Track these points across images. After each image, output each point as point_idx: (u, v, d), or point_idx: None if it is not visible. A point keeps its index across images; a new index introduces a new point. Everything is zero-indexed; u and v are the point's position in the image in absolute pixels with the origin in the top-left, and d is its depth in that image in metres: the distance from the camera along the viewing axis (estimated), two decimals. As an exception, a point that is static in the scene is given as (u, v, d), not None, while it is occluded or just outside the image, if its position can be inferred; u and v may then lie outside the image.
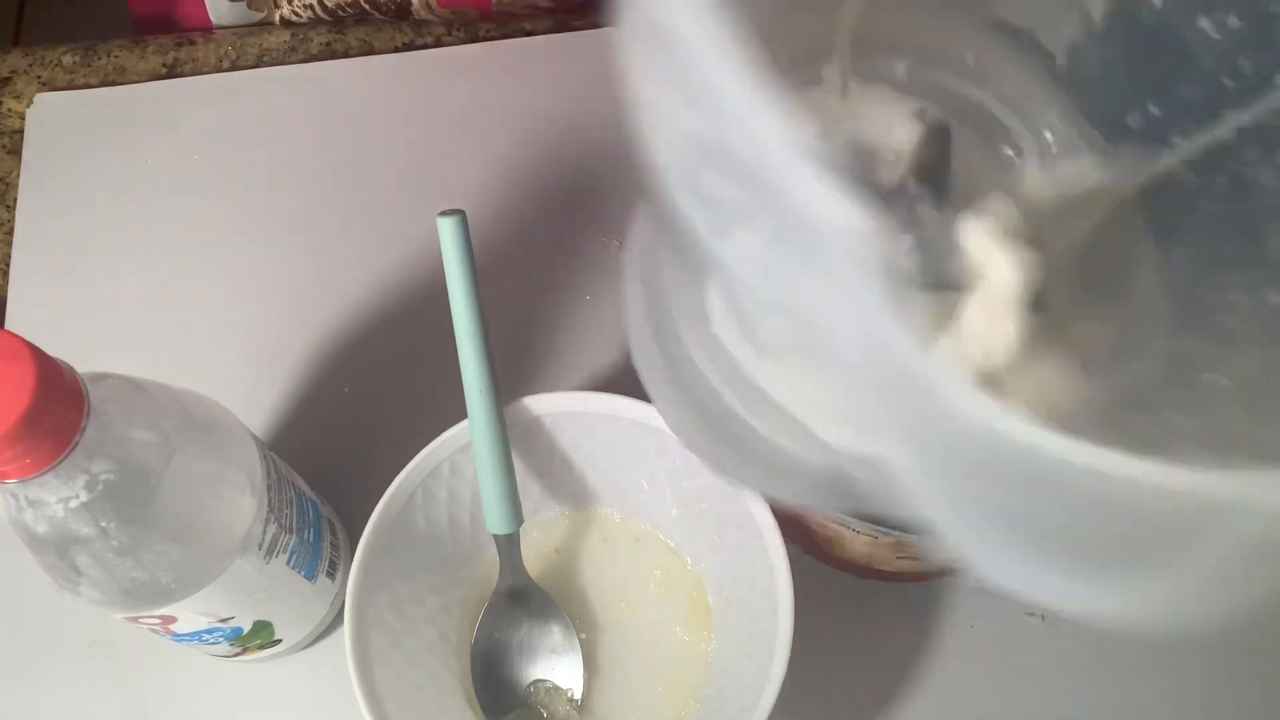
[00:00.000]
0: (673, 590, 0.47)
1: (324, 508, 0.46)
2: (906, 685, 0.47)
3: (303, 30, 0.63)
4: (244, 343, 0.55)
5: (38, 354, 0.30)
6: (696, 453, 0.38)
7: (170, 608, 0.37)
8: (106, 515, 0.33)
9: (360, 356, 0.54)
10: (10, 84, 0.61)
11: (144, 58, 0.62)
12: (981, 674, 0.47)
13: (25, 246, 0.57)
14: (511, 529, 0.44)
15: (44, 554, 0.35)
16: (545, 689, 0.45)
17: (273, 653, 0.46)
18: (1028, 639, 0.48)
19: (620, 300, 0.35)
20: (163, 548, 0.35)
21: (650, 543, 0.48)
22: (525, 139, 0.59)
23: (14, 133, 0.60)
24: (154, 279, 0.56)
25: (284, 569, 0.41)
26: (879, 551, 0.43)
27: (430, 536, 0.45)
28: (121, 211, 0.58)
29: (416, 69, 0.61)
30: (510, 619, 0.45)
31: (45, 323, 0.55)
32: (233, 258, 0.57)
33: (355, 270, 0.56)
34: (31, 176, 0.59)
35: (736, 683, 0.42)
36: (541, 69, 0.61)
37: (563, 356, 0.54)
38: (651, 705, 0.45)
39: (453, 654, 0.45)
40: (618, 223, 0.57)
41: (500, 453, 0.43)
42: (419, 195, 0.57)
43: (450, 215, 0.41)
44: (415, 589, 0.44)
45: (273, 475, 0.40)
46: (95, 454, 0.32)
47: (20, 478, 0.31)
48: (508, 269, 0.56)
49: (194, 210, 0.58)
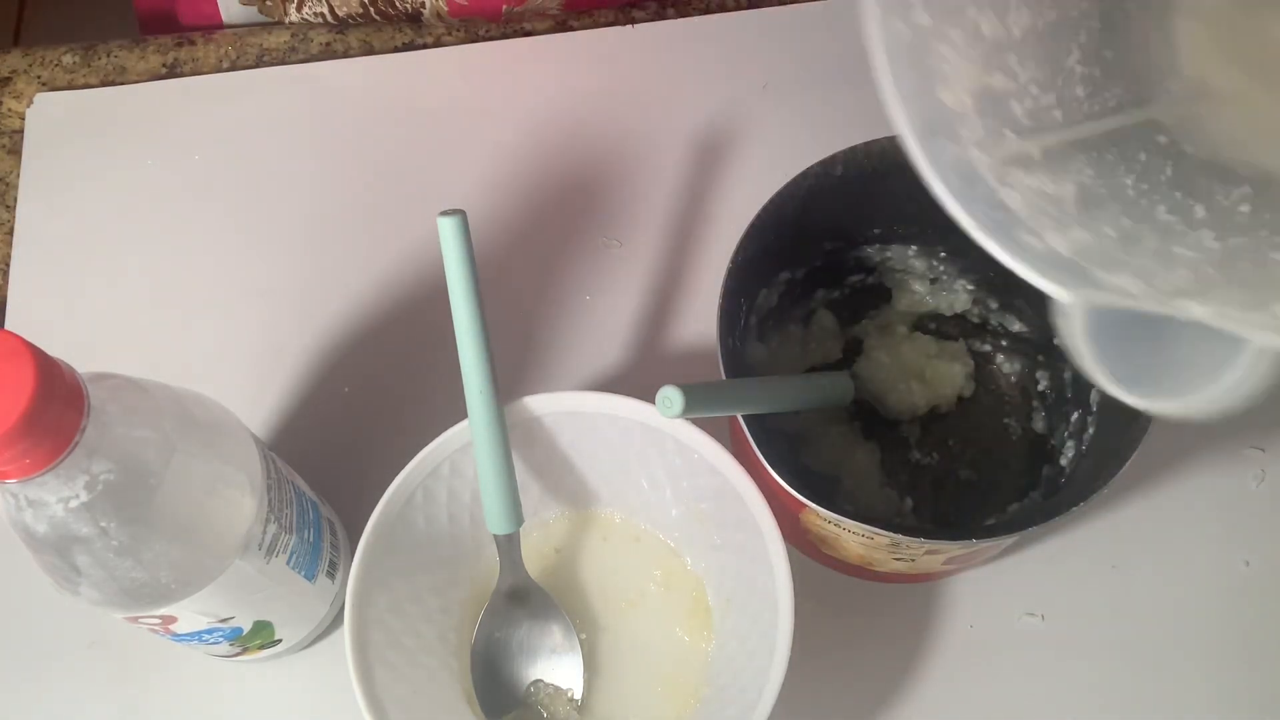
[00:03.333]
0: (673, 590, 0.47)
1: (324, 508, 0.46)
2: (906, 685, 0.47)
3: (303, 30, 0.63)
4: (244, 343, 0.55)
5: (38, 354, 0.30)
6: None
7: (170, 608, 0.37)
8: (106, 515, 0.33)
9: (360, 356, 0.54)
10: (10, 84, 0.61)
11: (144, 58, 0.62)
12: (981, 674, 0.47)
13: (25, 246, 0.57)
14: (511, 529, 0.44)
15: (44, 554, 0.35)
16: (545, 689, 0.45)
17: (273, 653, 0.46)
18: (1027, 639, 0.48)
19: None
20: (163, 548, 0.35)
21: (650, 543, 0.48)
22: (525, 139, 0.59)
23: (14, 133, 0.60)
24: (154, 279, 0.56)
25: (284, 569, 0.41)
26: (873, 553, 0.43)
27: (430, 536, 0.45)
28: (121, 211, 0.58)
29: (416, 69, 0.61)
30: (510, 619, 0.45)
31: (45, 323, 0.55)
32: (233, 258, 0.57)
33: (355, 270, 0.56)
34: (31, 176, 0.59)
35: (736, 683, 0.42)
36: (541, 69, 0.61)
37: (563, 356, 0.54)
38: (651, 705, 0.45)
39: (452, 654, 0.45)
40: (618, 223, 0.57)
41: (500, 453, 0.43)
42: (419, 195, 0.57)
43: (450, 215, 0.41)
44: (415, 589, 0.44)
45: (273, 475, 0.40)
46: (95, 454, 0.32)
47: (20, 478, 0.31)
48: (508, 269, 0.56)
49: (194, 210, 0.58)
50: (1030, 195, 0.29)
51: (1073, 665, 0.47)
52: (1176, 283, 0.28)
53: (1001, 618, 0.48)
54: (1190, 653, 0.47)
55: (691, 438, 0.43)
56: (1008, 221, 0.28)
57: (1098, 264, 0.28)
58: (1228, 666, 0.47)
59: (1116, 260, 0.28)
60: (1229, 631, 0.48)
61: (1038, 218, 0.28)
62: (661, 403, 0.37)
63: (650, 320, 0.55)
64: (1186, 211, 0.30)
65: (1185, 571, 0.49)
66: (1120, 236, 0.29)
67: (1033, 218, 0.28)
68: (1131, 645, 0.48)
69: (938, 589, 0.49)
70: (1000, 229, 0.27)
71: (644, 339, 0.54)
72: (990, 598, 0.48)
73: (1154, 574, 0.49)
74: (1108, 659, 0.47)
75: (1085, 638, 0.48)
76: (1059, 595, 0.48)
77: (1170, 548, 0.49)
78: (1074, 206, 0.29)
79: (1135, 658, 0.47)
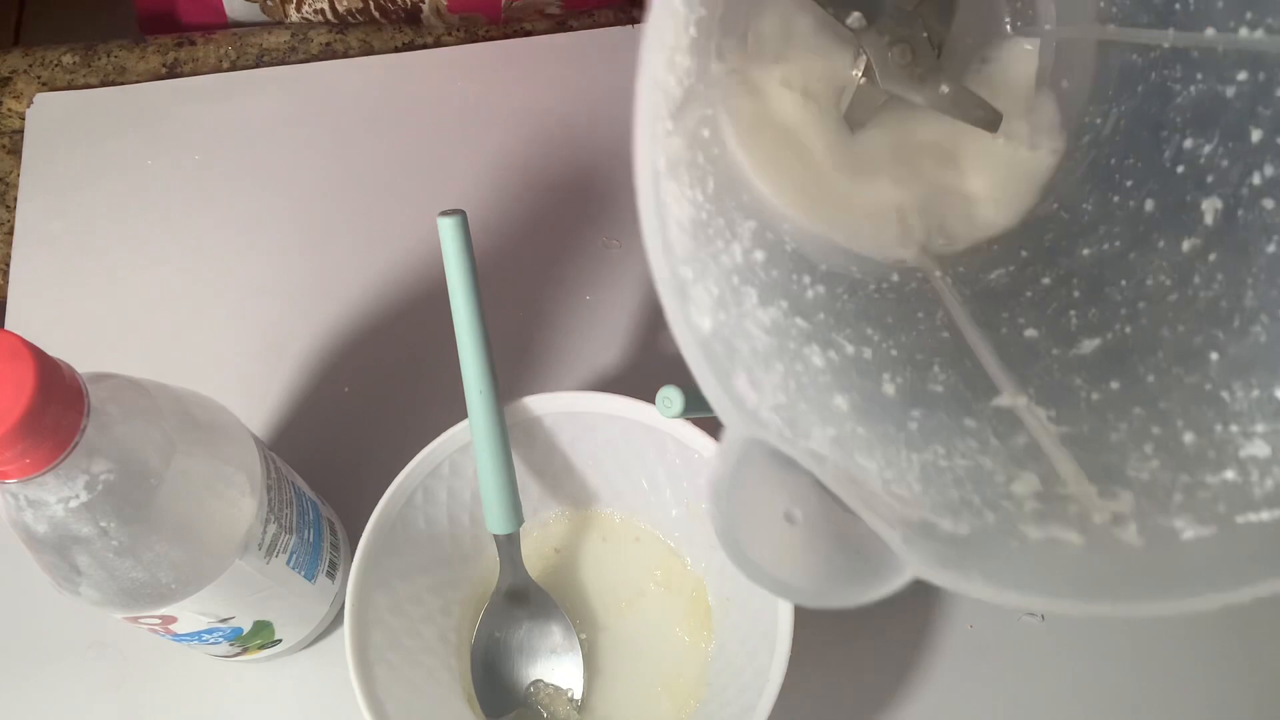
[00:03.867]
0: (673, 590, 0.47)
1: (324, 508, 0.46)
2: (906, 685, 0.47)
3: (303, 30, 0.63)
4: (244, 343, 0.55)
5: (38, 354, 0.30)
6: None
7: (170, 608, 0.37)
8: (106, 515, 0.33)
9: (360, 356, 0.54)
10: (10, 84, 0.61)
11: (144, 58, 0.62)
12: (981, 674, 0.47)
13: (25, 246, 0.57)
14: (511, 529, 0.44)
15: (44, 554, 0.35)
16: (545, 689, 0.45)
17: (273, 653, 0.46)
18: (1027, 639, 0.48)
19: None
20: (163, 548, 0.35)
21: (650, 543, 0.48)
22: (525, 139, 0.59)
23: (14, 133, 0.60)
24: (154, 279, 0.56)
25: (284, 569, 0.41)
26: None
27: (430, 536, 0.45)
28: (121, 211, 0.58)
29: (416, 69, 0.61)
30: (510, 619, 0.45)
31: (45, 323, 0.55)
32: (233, 257, 0.57)
33: (355, 270, 0.56)
34: (31, 176, 0.59)
35: (736, 683, 0.42)
36: (541, 69, 0.61)
37: (563, 356, 0.54)
38: (651, 705, 0.45)
39: (453, 654, 0.45)
40: (618, 223, 0.57)
41: (500, 453, 0.43)
42: (419, 195, 0.57)
43: (450, 215, 0.41)
44: (415, 589, 0.44)
45: (273, 475, 0.40)
46: (95, 454, 0.32)
47: (20, 478, 0.31)
48: (508, 269, 0.56)
49: (194, 210, 0.58)
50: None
51: (1073, 665, 0.47)
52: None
53: (1001, 618, 0.48)
54: (1190, 653, 0.47)
55: (691, 438, 0.43)
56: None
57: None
58: (1228, 666, 0.47)
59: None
60: (1229, 631, 0.48)
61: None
62: (661, 403, 0.37)
63: (650, 320, 0.55)
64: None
65: (1185, 571, 0.49)
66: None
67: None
68: (1131, 645, 0.48)
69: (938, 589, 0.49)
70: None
71: (644, 339, 0.54)
72: (990, 598, 0.48)
73: (1154, 574, 0.49)
74: (1108, 659, 0.47)
75: (1085, 638, 0.48)
76: (1059, 595, 0.48)
77: (1170, 548, 0.49)
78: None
79: (1135, 658, 0.47)
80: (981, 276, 0.36)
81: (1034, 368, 0.32)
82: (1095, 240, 0.34)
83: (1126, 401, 0.30)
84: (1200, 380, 0.29)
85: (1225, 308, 0.29)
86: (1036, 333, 0.33)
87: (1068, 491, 0.27)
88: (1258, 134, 0.30)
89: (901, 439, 0.29)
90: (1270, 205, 0.29)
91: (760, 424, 0.25)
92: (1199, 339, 0.30)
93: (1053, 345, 0.32)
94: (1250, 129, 0.30)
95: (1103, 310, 0.32)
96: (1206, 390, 0.29)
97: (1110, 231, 0.34)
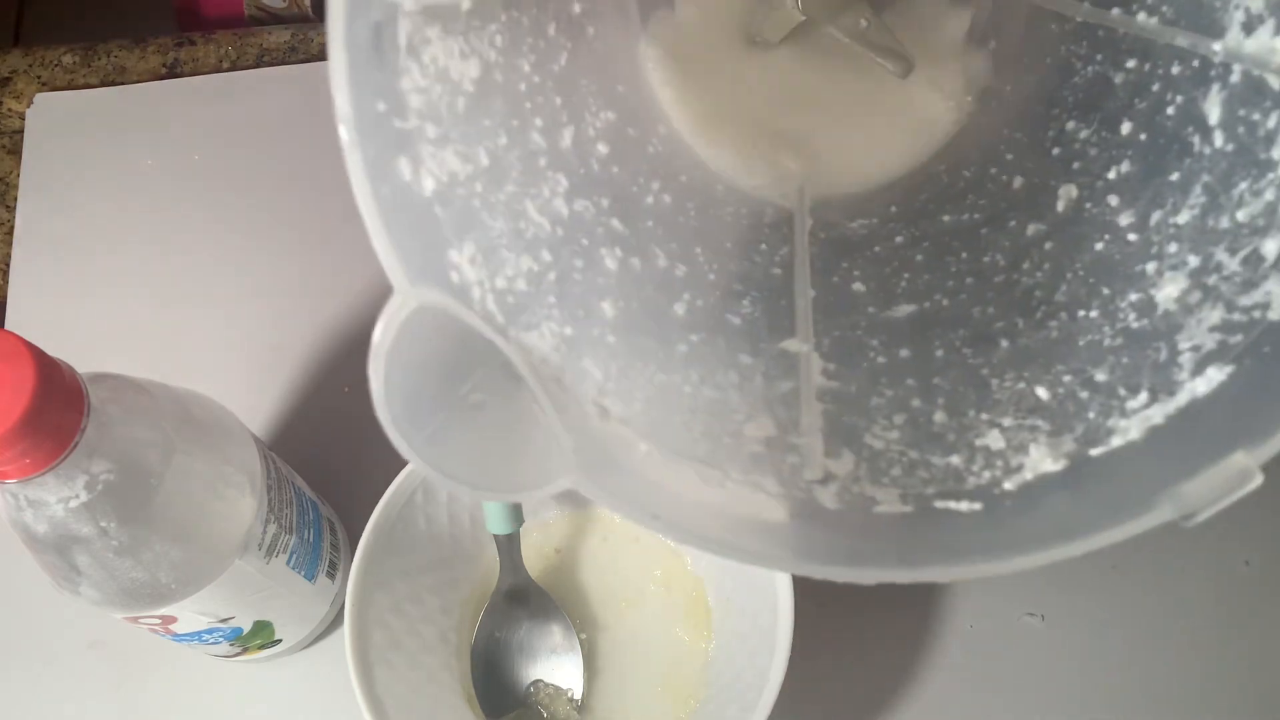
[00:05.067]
0: (673, 590, 0.47)
1: (324, 508, 0.46)
2: (906, 685, 0.47)
3: (303, 30, 0.63)
4: (244, 343, 0.55)
5: (38, 354, 0.30)
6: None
7: (170, 608, 0.37)
8: (106, 515, 0.33)
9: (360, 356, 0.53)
10: (10, 84, 0.61)
11: (144, 58, 0.62)
12: (981, 674, 0.47)
13: (25, 246, 0.57)
14: (511, 529, 0.43)
15: (44, 554, 0.35)
16: (545, 689, 0.45)
17: (273, 653, 0.46)
18: (1027, 639, 0.48)
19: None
20: (163, 548, 0.35)
21: (650, 543, 0.48)
22: (525, 139, 0.59)
23: (14, 133, 0.60)
24: (154, 279, 0.56)
25: (284, 569, 0.41)
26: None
27: (430, 536, 0.45)
28: (121, 211, 0.58)
29: (416, 69, 0.61)
30: (510, 619, 0.45)
31: (45, 323, 0.55)
32: (233, 258, 0.57)
33: (355, 270, 0.56)
34: (31, 176, 0.59)
35: (736, 683, 0.42)
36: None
37: (563, 356, 0.54)
38: (651, 705, 0.45)
39: (453, 654, 0.45)
40: (618, 223, 0.57)
41: (500, 453, 0.43)
42: (419, 195, 0.57)
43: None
44: (415, 589, 0.44)
45: (273, 475, 0.40)
46: (95, 454, 0.32)
47: (20, 478, 0.31)
48: (508, 269, 0.55)
49: (194, 210, 0.58)
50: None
51: (1073, 665, 0.47)
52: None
53: (1001, 618, 0.48)
54: (1190, 653, 0.47)
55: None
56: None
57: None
58: (1228, 666, 0.47)
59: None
60: (1229, 631, 0.48)
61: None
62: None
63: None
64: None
65: (1185, 572, 0.49)
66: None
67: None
68: (1131, 645, 0.48)
69: (938, 589, 0.49)
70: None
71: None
72: (990, 598, 0.48)
73: (1154, 574, 0.49)
74: (1107, 659, 0.47)
75: (1085, 638, 0.48)
76: (1059, 596, 0.48)
77: (1170, 548, 0.49)
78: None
79: (1135, 658, 0.47)
80: (845, 223, 0.35)
81: (842, 321, 0.31)
82: (959, 209, 0.33)
83: (905, 371, 0.29)
84: (981, 364, 0.29)
85: (1037, 298, 0.29)
86: (864, 288, 0.33)
87: (799, 441, 0.27)
88: (1127, 126, 0.30)
89: (657, 357, 0.28)
90: (1114, 202, 0.29)
91: (465, 300, 0.24)
92: (1000, 324, 0.30)
93: (871, 303, 0.32)
94: (1123, 121, 0.30)
95: (933, 278, 0.32)
96: (981, 375, 0.28)
97: (976, 203, 0.33)
